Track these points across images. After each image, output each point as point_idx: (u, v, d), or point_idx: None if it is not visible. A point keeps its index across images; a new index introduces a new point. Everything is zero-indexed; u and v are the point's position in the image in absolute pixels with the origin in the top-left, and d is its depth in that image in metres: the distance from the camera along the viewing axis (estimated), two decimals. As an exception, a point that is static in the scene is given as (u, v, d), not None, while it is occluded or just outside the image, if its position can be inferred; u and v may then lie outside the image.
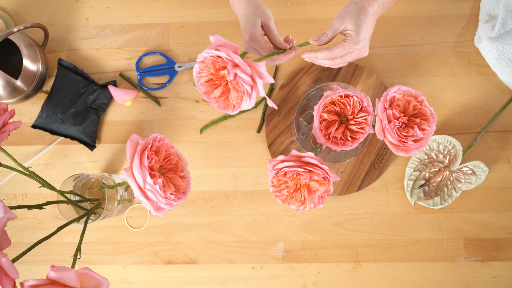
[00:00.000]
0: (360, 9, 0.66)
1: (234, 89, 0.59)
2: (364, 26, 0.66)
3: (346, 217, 0.88)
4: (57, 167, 0.91)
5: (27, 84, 0.85)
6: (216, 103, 0.62)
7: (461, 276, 0.87)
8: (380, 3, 0.67)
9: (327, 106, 0.68)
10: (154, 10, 0.91)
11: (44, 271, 0.90)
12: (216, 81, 0.61)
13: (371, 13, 0.66)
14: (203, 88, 0.61)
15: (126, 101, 0.89)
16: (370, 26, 0.67)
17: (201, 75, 0.60)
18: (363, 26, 0.66)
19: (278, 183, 0.64)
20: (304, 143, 0.86)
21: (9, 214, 0.49)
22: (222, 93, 0.61)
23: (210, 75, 0.60)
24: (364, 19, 0.66)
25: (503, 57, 0.84)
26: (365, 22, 0.66)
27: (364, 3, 0.66)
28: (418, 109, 0.64)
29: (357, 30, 0.66)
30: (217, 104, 0.62)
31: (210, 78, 0.60)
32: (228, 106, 0.61)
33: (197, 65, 0.60)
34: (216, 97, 0.61)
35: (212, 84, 0.61)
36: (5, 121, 0.61)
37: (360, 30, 0.65)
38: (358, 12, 0.66)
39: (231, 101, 0.60)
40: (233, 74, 0.57)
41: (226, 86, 0.60)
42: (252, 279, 0.88)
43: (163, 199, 0.58)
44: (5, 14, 0.91)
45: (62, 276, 0.46)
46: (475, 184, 0.86)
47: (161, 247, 0.89)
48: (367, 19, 0.66)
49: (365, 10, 0.66)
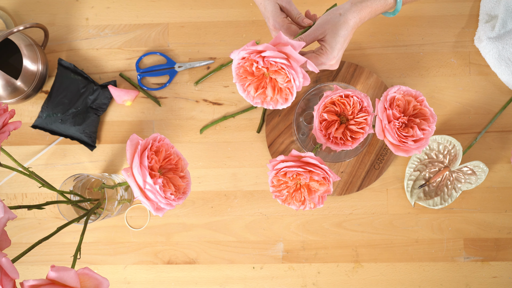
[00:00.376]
0: (343, 22, 0.64)
1: (276, 73, 0.59)
2: (341, 41, 0.65)
3: (346, 217, 0.88)
4: (57, 167, 0.91)
5: (27, 84, 0.85)
6: (272, 101, 0.63)
7: (461, 276, 0.87)
8: (363, 16, 0.66)
9: (327, 106, 0.68)
10: (154, 10, 0.91)
11: (44, 271, 0.90)
12: (258, 83, 0.62)
13: (352, 27, 0.65)
14: (258, 99, 0.63)
15: (126, 101, 0.89)
16: (347, 40, 0.66)
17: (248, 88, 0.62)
18: (340, 42, 0.64)
19: (278, 183, 0.64)
20: (304, 143, 0.86)
21: (9, 214, 0.49)
22: (272, 89, 0.61)
23: (251, 77, 0.61)
24: (344, 34, 0.64)
25: (503, 57, 0.84)
26: (343, 38, 0.64)
27: (347, 17, 0.64)
28: (418, 109, 0.64)
29: (333, 46, 0.64)
30: (273, 102, 0.63)
31: (253, 83, 0.62)
32: (285, 95, 0.62)
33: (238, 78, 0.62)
34: (271, 95, 0.61)
35: (257, 85, 0.62)
36: (5, 121, 0.61)
37: (336, 46, 0.64)
38: (340, 26, 0.64)
39: (282, 88, 0.61)
40: (261, 60, 0.58)
41: (270, 81, 0.61)
42: (252, 279, 0.88)
43: (163, 199, 0.58)
44: (5, 14, 0.91)
45: (62, 276, 0.46)
46: (475, 184, 0.86)
47: (161, 247, 0.89)
48: (346, 33, 0.64)
49: (348, 24, 0.64)
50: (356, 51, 0.89)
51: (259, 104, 0.64)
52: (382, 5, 0.66)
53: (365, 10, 0.65)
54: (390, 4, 0.67)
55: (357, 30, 0.89)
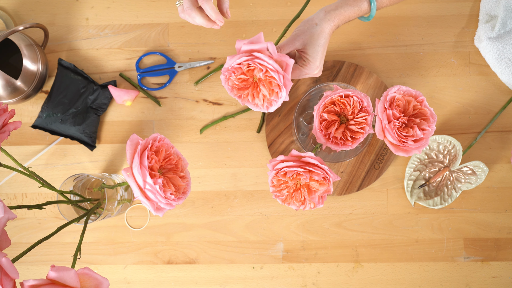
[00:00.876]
0: (320, 32, 0.65)
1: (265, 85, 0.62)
2: (321, 51, 0.65)
3: (346, 217, 0.88)
4: (57, 167, 0.91)
5: (27, 84, 0.85)
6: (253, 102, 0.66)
7: (461, 276, 0.87)
8: (337, 22, 0.67)
9: (327, 106, 0.68)
10: (154, 10, 0.91)
11: (44, 271, 0.90)
12: (246, 87, 0.64)
13: (328, 34, 0.66)
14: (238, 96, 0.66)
15: (126, 101, 0.89)
16: (326, 48, 0.67)
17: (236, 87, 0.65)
18: (320, 52, 0.65)
19: (278, 183, 0.64)
20: (304, 143, 0.86)
21: (9, 214, 0.49)
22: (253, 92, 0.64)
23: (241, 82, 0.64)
24: (322, 43, 0.65)
25: (503, 57, 0.84)
26: (322, 47, 0.65)
27: (323, 26, 0.65)
28: (418, 109, 0.64)
29: (315, 56, 0.65)
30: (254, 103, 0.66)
31: (240, 85, 0.64)
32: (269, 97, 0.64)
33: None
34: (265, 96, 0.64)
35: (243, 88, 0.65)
36: (5, 121, 0.61)
37: (317, 56, 0.65)
38: (318, 36, 0.65)
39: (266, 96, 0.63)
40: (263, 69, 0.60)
41: (255, 86, 0.64)
42: (252, 279, 0.88)
43: (163, 199, 0.58)
44: (5, 14, 0.91)
45: (62, 276, 0.46)
46: (475, 184, 0.86)
47: (161, 247, 0.89)
48: (324, 42, 0.65)
49: (324, 34, 0.65)
50: (356, 51, 0.90)
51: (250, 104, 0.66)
52: (356, 12, 0.67)
53: (339, 17, 0.66)
54: (365, 10, 0.68)
55: (357, 30, 0.89)
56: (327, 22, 0.65)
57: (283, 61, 0.62)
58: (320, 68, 0.67)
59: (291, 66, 0.62)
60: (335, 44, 0.90)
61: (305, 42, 0.65)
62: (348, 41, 0.90)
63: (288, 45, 0.66)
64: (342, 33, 0.90)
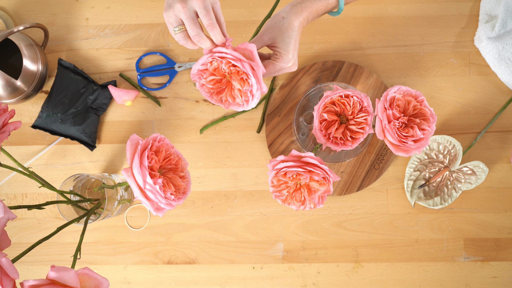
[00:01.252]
0: (288, 25, 0.65)
1: (236, 80, 0.61)
2: (292, 43, 0.65)
3: (346, 217, 0.88)
4: (57, 167, 0.91)
5: (27, 84, 0.85)
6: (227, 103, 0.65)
7: (461, 276, 0.87)
8: (306, 16, 0.66)
9: (327, 106, 0.68)
10: (154, 10, 0.91)
11: (44, 271, 0.90)
12: (220, 86, 0.64)
13: (297, 27, 0.65)
14: (208, 94, 0.65)
15: (126, 101, 0.89)
16: (298, 41, 0.66)
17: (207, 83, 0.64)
18: (291, 43, 0.65)
19: (278, 183, 0.64)
20: (304, 143, 0.86)
21: (9, 214, 0.49)
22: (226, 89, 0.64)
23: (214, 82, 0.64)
24: (292, 35, 0.65)
25: (503, 57, 0.84)
26: (293, 39, 0.65)
27: (291, 18, 0.65)
28: (418, 109, 0.64)
29: (286, 49, 0.65)
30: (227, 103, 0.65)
31: (215, 81, 0.64)
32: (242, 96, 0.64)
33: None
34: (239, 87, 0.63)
35: (218, 88, 0.64)
36: (5, 121, 0.61)
37: (289, 48, 0.65)
38: (286, 29, 0.65)
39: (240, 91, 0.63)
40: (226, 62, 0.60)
41: (228, 84, 0.63)
42: (252, 279, 0.88)
43: (163, 199, 0.58)
44: (5, 14, 0.91)
45: (62, 276, 0.46)
46: (475, 184, 0.86)
47: (161, 247, 0.89)
48: (294, 34, 0.65)
49: (292, 26, 0.65)
50: (356, 51, 0.90)
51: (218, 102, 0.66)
52: (324, 5, 0.67)
53: (306, 10, 0.66)
54: (333, 4, 0.67)
55: (357, 30, 0.89)
56: (294, 15, 0.65)
57: (246, 50, 0.61)
58: (294, 62, 0.67)
59: (255, 52, 0.61)
60: (335, 44, 0.90)
61: (274, 36, 0.65)
62: (348, 41, 0.90)
63: (257, 41, 0.66)
64: (342, 33, 0.90)
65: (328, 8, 0.68)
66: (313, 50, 0.90)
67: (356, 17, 0.90)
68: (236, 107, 0.65)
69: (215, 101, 0.65)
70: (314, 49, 0.90)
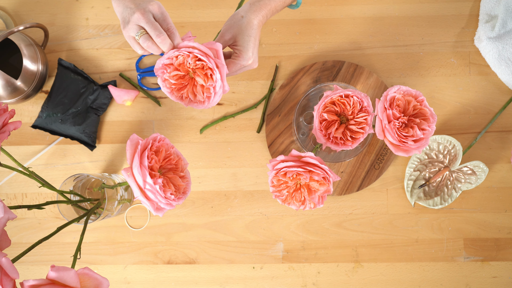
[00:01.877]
0: (247, 23, 0.66)
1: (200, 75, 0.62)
2: (252, 40, 0.66)
3: (346, 217, 0.88)
4: (57, 167, 0.91)
5: (27, 84, 0.85)
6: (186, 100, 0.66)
7: (461, 276, 0.87)
8: (264, 13, 0.68)
9: (327, 106, 0.68)
10: (154, 10, 0.91)
11: (44, 271, 0.90)
12: (182, 83, 0.64)
13: (257, 25, 0.67)
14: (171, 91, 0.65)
15: (126, 101, 0.89)
16: (257, 39, 0.67)
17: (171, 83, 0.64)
18: (251, 41, 0.66)
19: (278, 183, 0.64)
20: (304, 143, 0.86)
21: (9, 214, 0.49)
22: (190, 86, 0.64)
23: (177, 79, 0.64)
24: (251, 33, 0.66)
25: (503, 57, 0.84)
26: (252, 37, 0.66)
27: (250, 17, 0.66)
28: (418, 109, 0.64)
29: (246, 46, 0.66)
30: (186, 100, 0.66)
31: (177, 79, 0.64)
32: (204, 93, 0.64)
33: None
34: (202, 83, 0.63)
35: (179, 84, 0.65)
36: (5, 121, 0.61)
37: (248, 46, 0.66)
38: (245, 27, 0.66)
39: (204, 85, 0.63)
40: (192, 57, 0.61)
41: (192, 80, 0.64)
42: (252, 279, 0.88)
43: (163, 199, 0.58)
44: (5, 14, 0.91)
45: (62, 276, 0.46)
46: (475, 184, 0.86)
47: (161, 247, 0.89)
48: (253, 32, 0.66)
49: (251, 24, 0.66)
50: (356, 51, 0.90)
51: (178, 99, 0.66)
52: (282, 1, 0.69)
53: (265, 8, 0.67)
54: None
55: (357, 30, 0.89)
56: (253, 13, 0.67)
57: (212, 49, 0.62)
58: (254, 59, 0.68)
59: (220, 51, 0.62)
60: (335, 44, 0.90)
61: (234, 35, 0.66)
62: (348, 41, 0.90)
63: (220, 41, 0.67)
64: (342, 33, 0.90)
65: (286, 3, 0.69)
66: (313, 50, 0.90)
67: (356, 17, 0.90)
68: (196, 105, 0.65)
69: (175, 98, 0.65)
70: (314, 49, 0.90)
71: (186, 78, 0.64)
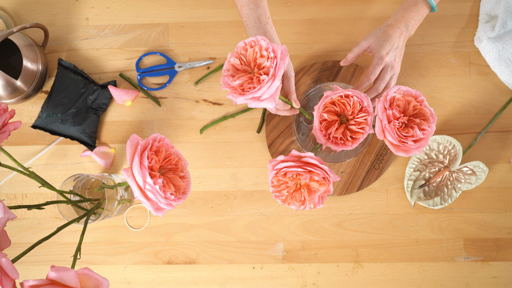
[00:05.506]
0: (383, 32, 0.75)
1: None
2: (386, 44, 0.74)
3: (346, 217, 0.88)
4: (57, 167, 0.91)
5: (27, 84, 0.85)
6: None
7: (461, 276, 0.87)
8: (402, 26, 0.75)
9: (327, 106, 0.68)
10: (154, 10, 0.92)
11: (44, 271, 0.90)
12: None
13: (393, 35, 0.75)
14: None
15: (126, 101, 0.89)
16: (393, 45, 0.74)
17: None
18: (385, 44, 0.74)
19: (278, 183, 0.64)
20: (304, 143, 0.86)
21: (9, 214, 0.49)
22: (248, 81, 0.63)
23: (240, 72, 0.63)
24: (386, 38, 0.75)
25: (503, 57, 0.84)
26: (386, 42, 0.74)
27: (385, 28, 0.75)
28: (418, 109, 0.64)
29: (379, 47, 0.74)
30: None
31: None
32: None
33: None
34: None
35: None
36: (5, 121, 0.61)
37: (381, 47, 0.74)
38: (381, 35, 0.75)
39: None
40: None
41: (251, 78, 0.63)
42: (252, 279, 0.88)
43: (163, 199, 0.58)
44: (5, 14, 0.91)
45: (62, 276, 0.46)
46: (475, 184, 0.86)
47: (161, 247, 0.89)
48: (389, 38, 0.74)
49: (387, 33, 0.75)
50: (356, 51, 0.90)
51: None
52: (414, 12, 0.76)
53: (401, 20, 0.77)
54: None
55: (357, 30, 0.90)
56: (391, 28, 0.77)
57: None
58: (391, 60, 0.76)
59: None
60: (335, 44, 0.90)
61: (370, 41, 0.77)
62: (348, 41, 0.90)
63: (357, 47, 0.78)
64: (342, 33, 0.90)
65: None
66: (313, 50, 0.90)
67: (356, 17, 0.90)
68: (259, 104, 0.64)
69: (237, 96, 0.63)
70: (314, 49, 0.90)
71: (247, 71, 0.63)
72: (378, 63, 0.74)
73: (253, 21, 0.73)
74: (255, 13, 0.72)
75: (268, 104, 0.61)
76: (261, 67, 0.61)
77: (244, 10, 0.73)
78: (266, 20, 0.73)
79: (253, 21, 0.73)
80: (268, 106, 0.62)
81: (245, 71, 0.63)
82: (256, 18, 0.72)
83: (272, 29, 0.73)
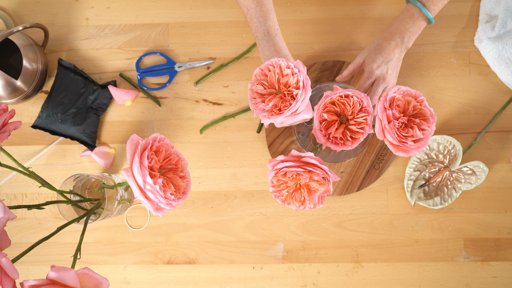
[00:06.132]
0: (377, 45, 0.75)
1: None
2: (377, 57, 0.74)
3: (346, 217, 0.88)
4: (57, 167, 0.91)
5: (27, 84, 0.85)
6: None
7: (461, 276, 0.87)
8: (397, 38, 0.74)
9: (327, 106, 0.68)
10: (154, 10, 0.92)
11: (44, 271, 0.90)
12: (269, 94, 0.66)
13: (386, 48, 0.74)
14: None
15: (126, 101, 0.89)
16: (386, 57, 0.74)
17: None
18: (376, 57, 0.74)
19: (278, 183, 0.64)
20: (304, 143, 0.86)
21: (9, 214, 0.49)
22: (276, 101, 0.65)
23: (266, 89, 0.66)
24: (378, 51, 0.74)
25: (503, 57, 0.84)
26: (378, 54, 0.74)
27: (380, 41, 0.75)
28: (418, 109, 0.64)
29: (370, 61, 0.74)
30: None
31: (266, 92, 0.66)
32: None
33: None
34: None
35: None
36: (5, 121, 0.61)
37: (373, 60, 0.74)
38: (374, 48, 0.75)
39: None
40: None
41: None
42: (252, 279, 0.88)
43: (163, 199, 0.58)
44: (5, 14, 0.91)
45: (62, 276, 0.46)
46: (475, 184, 0.86)
47: (161, 247, 0.89)
48: (381, 51, 0.74)
49: (381, 46, 0.75)
50: (356, 51, 0.90)
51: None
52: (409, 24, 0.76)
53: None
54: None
55: (357, 30, 0.90)
56: (385, 40, 0.77)
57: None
58: (383, 72, 0.75)
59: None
60: (335, 44, 0.90)
61: (364, 55, 0.78)
62: (348, 41, 0.90)
63: (352, 64, 0.79)
64: (342, 33, 0.90)
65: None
66: (313, 50, 0.90)
67: (356, 17, 0.90)
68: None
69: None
70: (314, 49, 0.90)
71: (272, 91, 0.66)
72: (368, 77, 0.75)
73: (262, 34, 0.74)
74: (264, 26, 0.74)
75: (305, 115, 0.65)
76: (288, 84, 0.64)
77: (254, 23, 0.74)
78: (275, 32, 0.74)
79: (262, 34, 0.74)
80: (306, 117, 0.65)
81: (270, 94, 0.65)
82: (266, 31, 0.74)
83: (281, 40, 0.74)
